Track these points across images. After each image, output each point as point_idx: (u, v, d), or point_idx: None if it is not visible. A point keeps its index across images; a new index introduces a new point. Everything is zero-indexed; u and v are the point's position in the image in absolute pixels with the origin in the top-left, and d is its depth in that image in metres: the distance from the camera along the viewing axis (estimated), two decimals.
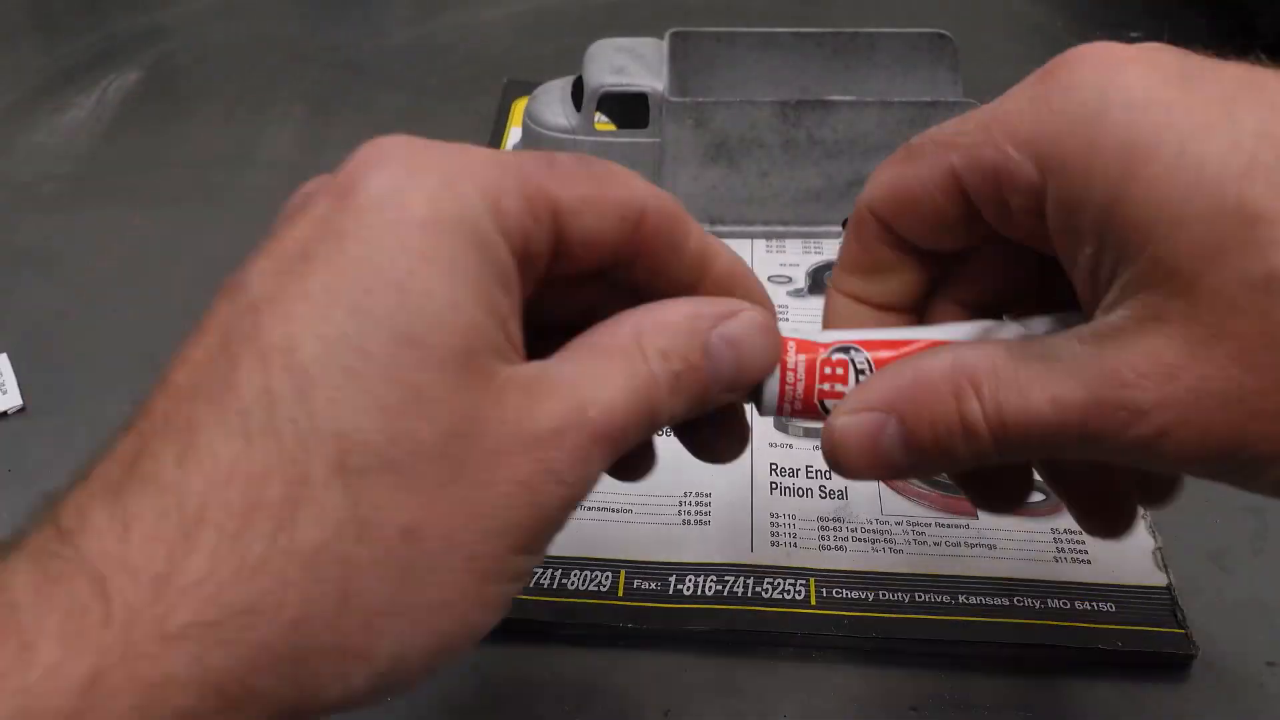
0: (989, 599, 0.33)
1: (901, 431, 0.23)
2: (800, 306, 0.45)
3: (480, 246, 0.21)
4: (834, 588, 0.33)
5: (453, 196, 0.21)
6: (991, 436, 0.22)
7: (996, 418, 0.22)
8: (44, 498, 0.20)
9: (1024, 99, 0.23)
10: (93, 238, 0.50)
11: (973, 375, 0.22)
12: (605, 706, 0.31)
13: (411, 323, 0.20)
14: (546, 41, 0.66)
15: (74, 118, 0.59)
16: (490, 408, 0.20)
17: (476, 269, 0.21)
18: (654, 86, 0.46)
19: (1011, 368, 0.22)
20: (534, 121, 0.48)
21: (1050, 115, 0.22)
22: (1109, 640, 0.31)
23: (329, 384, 0.19)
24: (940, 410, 0.22)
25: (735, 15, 0.68)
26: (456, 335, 0.20)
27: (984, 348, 0.22)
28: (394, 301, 0.20)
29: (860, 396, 0.23)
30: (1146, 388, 0.20)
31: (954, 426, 0.22)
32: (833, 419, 0.23)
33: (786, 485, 0.37)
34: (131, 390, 0.47)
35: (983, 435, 0.22)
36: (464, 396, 0.20)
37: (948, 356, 0.22)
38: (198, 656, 0.18)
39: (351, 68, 0.64)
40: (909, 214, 0.25)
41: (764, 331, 0.24)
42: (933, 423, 0.22)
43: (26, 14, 0.70)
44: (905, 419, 0.22)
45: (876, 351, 0.24)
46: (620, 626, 0.32)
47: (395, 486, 0.20)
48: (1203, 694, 0.31)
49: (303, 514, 0.19)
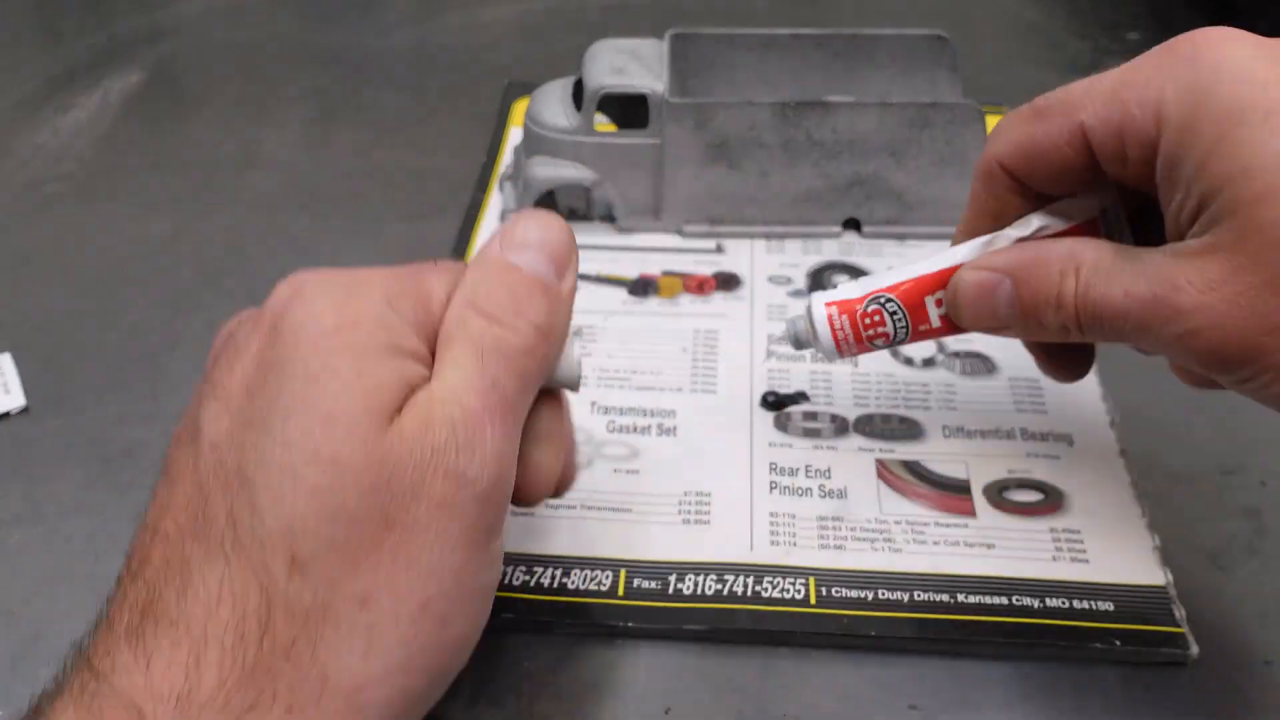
0: (988, 598, 0.33)
1: (1011, 291, 0.28)
2: (800, 306, 0.45)
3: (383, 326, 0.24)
4: (833, 586, 0.33)
5: (357, 299, 0.24)
6: (1075, 311, 0.27)
7: (1085, 297, 0.27)
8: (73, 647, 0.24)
9: (1150, 68, 0.26)
10: (95, 238, 0.50)
11: (1080, 261, 0.27)
12: (605, 705, 0.31)
13: (323, 401, 0.23)
14: (547, 42, 0.66)
15: (76, 118, 0.59)
16: (395, 446, 0.23)
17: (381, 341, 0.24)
18: (654, 87, 0.46)
19: (1108, 262, 0.27)
20: (534, 122, 0.48)
21: (1170, 82, 0.25)
22: (1107, 639, 0.32)
23: (267, 484, 0.22)
24: (1046, 281, 0.27)
25: (735, 16, 0.69)
26: (360, 398, 0.23)
27: (1097, 244, 0.27)
28: (310, 391, 0.23)
29: (989, 259, 0.29)
30: (1191, 294, 0.25)
31: (1051, 297, 0.27)
32: (961, 272, 0.29)
33: (786, 485, 0.37)
34: (132, 390, 0.47)
35: (1069, 309, 0.27)
36: (374, 449, 0.23)
37: (1067, 244, 0.28)
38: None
39: (352, 68, 0.64)
40: (1039, 165, 0.29)
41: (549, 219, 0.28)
42: (1036, 290, 0.28)
43: (29, 14, 0.70)
44: (1018, 282, 0.28)
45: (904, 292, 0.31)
46: (620, 625, 0.32)
47: (342, 561, 0.22)
48: (1201, 692, 0.31)
49: (276, 613, 0.22)
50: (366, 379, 0.23)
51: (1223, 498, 0.37)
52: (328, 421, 0.23)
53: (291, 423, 0.23)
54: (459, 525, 0.23)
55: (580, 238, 0.48)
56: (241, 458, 0.23)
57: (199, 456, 0.24)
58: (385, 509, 0.23)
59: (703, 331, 0.43)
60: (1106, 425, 0.39)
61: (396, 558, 0.23)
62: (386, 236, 0.50)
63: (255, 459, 0.23)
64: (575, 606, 0.33)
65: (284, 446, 0.22)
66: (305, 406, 0.23)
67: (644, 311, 0.45)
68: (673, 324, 0.44)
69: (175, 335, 0.44)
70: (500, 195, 0.51)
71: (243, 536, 0.22)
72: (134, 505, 0.37)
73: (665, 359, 0.42)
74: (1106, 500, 0.36)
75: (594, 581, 0.34)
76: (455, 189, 0.52)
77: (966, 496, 0.36)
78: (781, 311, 0.44)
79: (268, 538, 0.22)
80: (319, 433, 0.22)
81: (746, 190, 0.47)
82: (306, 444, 0.22)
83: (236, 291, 0.46)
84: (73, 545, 0.36)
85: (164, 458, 0.26)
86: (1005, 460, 0.37)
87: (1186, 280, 0.25)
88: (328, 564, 0.22)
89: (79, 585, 0.35)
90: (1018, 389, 0.40)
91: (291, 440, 0.22)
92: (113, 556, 0.35)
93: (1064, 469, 0.37)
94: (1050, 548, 0.34)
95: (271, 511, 0.22)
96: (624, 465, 0.37)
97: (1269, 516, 0.36)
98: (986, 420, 0.39)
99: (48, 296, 0.47)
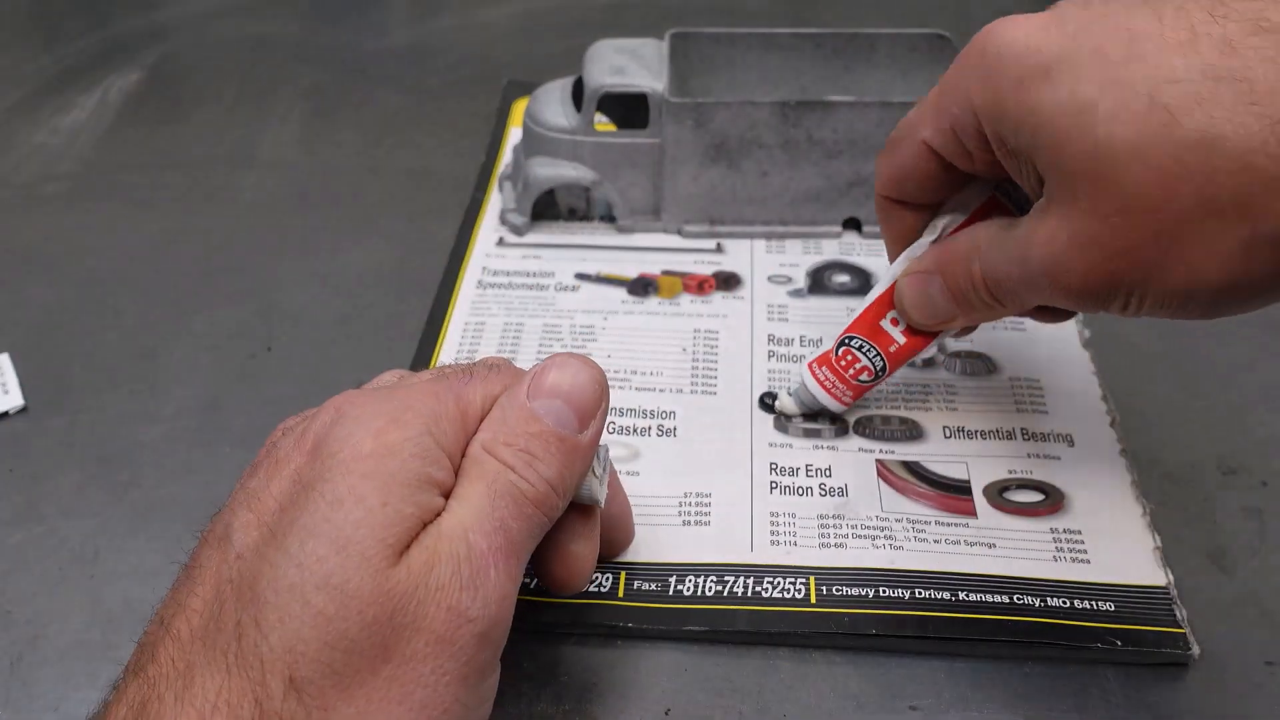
0: (989, 597, 0.33)
1: (941, 285, 0.33)
2: (800, 306, 0.45)
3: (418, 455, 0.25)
4: (834, 585, 0.33)
5: (398, 426, 0.25)
6: (986, 289, 0.32)
7: (988, 275, 0.31)
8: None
9: (956, 71, 0.30)
10: (94, 238, 0.50)
11: (977, 243, 0.32)
12: (606, 705, 0.31)
13: (343, 528, 0.23)
14: (546, 42, 0.66)
15: (75, 118, 0.59)
16: (402, 580, 0.23)
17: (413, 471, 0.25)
18: (654, 87, 0.46)
19: (995, 238, 0.31)
20: (534, 122, 0.48)
21: (973, 77, 0.29)
22: (1108, 639, 0.32)
23: (277, 603, 0.23)
24: (962, 269, 0.32)
25: (735, 16, 0.69)
26: (378, 529, 0.24)
27: (989, 224, 0.32)
28: (332, 515, 0.24)
29: (917, 264, 0.34)
30: (1042, 249, 0.29)
31: (967, 281, 0.32)
32: (899, 282, 0.35)
33: (786, 484, 0.37)
34: (131, 390, 0.47)
35: (982, 288, 0.32)
36: (383, 581, 0.23)
37: (968, 233, 0.32)
38: None
39: (351, 68, 0.64)
40: (911, 186, 0.34)
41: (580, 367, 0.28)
42: (957, 277, 0.32)
43: (28, 14, 0.70)
44: (943, 275, 0.33)
45: (861, 325, 0.37)
46: (620, 626, 0.32)
47: (337, 687, 0.23)
48: (1202, 693, 0.31)
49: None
50: (389, 510, 0.24)
51: (1223, 498, 0.37)
52: (342, 549, 0.23)
53: (309, 545, 0.23)
54: (455, 662, 0.24)
55: (580, 237, 0.48)
56: (258, 571, 0.23)
57: (224, 563, 0.24)
58: (385, 640, 0.23)
59: (703, 332, 0.43)
60: (1107, 425, 0.39)
61: (390, 689, 0.23)
62: (385, 236, 0.50)
63: (269, 575, 0.23)
64: (575, 607, 0.33)
65: (297, 568, 0.23)
66: (324, 531, 0.23)
67: (644, 311, 0.45)
68: (673, 324, 0.44)
69: (175, 335, 0.44)
70: (500, 195, 0.51)
71: (246, 650, 0.23)
72: (133, 505, 0.37)
73: (665, 359, 0.42)
74: (1107, 500, 0.36)
75: (594, 583, 0.33)
76: (454, 188, 0.52)
77: (967, 497, 0.36)
78: (782, 311, 0.44)
79: (269, 655, 0.23)
80: (332, 559, 0.23)
81: (747, 190, 0.47)
82: (319, 569, 0.23)
83: (236, 292, 0.46)
84: (71, 545, 0.36)
85: (190, 555, 0.26)
86: (1006, 460, 0.37)
87: (1039, 239, 0.28)
88: (323, 688, 0.23)
89: (78, 585, 0.35)
90: (1018, 389, 0.40)
91: (305, 563, 0.23)
92: (112, 556, 0.35)
93: (1064, 469, 0.37)
94: (1051, 548, 0.34)
95: (276, 630, 0.23)
96: (624, 467, 0.37)
97: (1270, 516, 0.36)
98: (987, 420, 0.39)
99: (47, 296, 0.47)
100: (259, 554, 0.24)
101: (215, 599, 0.24)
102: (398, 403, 0.26)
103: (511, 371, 0.29)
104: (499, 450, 0.26)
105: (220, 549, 0.25)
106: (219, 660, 0.23)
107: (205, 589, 0.24)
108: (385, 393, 0.27)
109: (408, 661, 0.23)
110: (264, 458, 0.27)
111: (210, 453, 0.39)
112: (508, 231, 0.49)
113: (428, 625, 0.23)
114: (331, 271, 0.48)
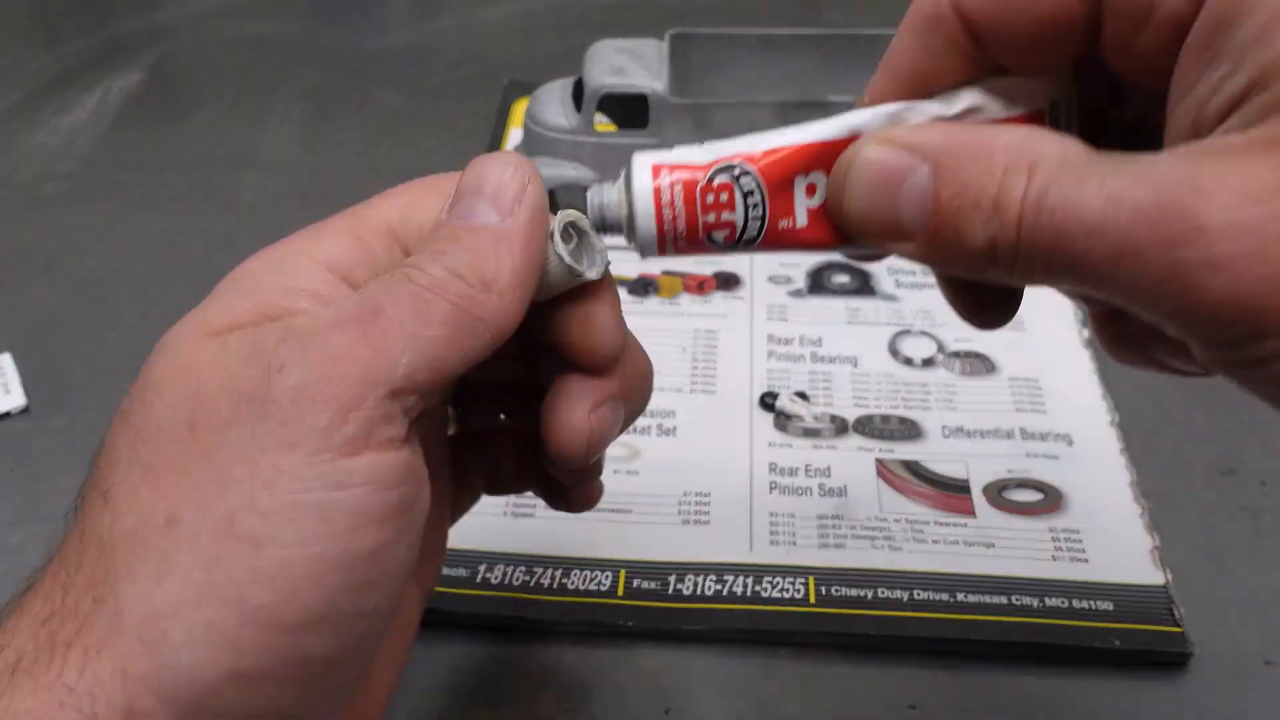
0: (987, 597, 0.33)
1: (927, 184, 0.20)
2: (799, 306, 0.45)
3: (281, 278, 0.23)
4: (833, 585, 0.33)
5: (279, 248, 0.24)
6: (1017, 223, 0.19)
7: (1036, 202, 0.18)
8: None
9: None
10: (94, 238, 0.50)
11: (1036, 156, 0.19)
12: (606, 705, 0.31)
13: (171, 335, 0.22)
14: (546, 42, 0.66)
15: (75, 118, 0.59)
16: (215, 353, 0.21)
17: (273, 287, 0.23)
18: (654, 87, 0.46)
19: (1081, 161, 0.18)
20: (534, 122, 0.48)
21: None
22: (1106, 639, 0.32)
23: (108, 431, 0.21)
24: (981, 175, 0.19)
25: (736, 17, 0.69)
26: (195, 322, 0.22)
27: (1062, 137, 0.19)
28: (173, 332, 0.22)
29: (905, 135, 0.20)
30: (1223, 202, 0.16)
31: (985, 198, 0.19)
32: (861, 145, 0.21)
33: (786, 484, 0.37)
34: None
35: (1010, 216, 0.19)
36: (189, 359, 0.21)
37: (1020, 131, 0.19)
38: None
39: (351, 68, 0.64)
40: (1021, 15, 0.21)
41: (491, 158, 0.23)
42: (964, 186, 0.19)
43: (28, 15, 0.71)
44: (940, 171, 0.20)
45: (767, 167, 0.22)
46: (620, 625, 0.33)
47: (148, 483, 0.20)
48: (1200, 691, 0.32)
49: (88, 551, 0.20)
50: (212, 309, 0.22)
51: (1223, 498, 0.37)
52: (160, 350, 0.22)
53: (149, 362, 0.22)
54: (272, 425, 0.20)
55: None
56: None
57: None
58: (192, 415, 0.20)
59: (703, 331, 0.44)
60: (1106, 425, 0.39)
61: (206, 469, 0.20)
62: None
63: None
64: (575, 607, 0.33)
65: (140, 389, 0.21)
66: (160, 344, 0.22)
67: (644, 311, 0.45)
68: (672, 324, 0.44)
69: None
70: None
71: (84, 491, 0.21)
72: None
73: (665, 359, 0.42)
74: (1106, 500, 0.36)
75: (594, 582, 0.34)
76: None
77: (966, 496, 0.36)
78: (782, 311, 0.45)
79: (89, 481, 0.21)
80: (154, 360, 0.21)
81: None
82: (145, 377, 0.21)
83: None
84: None
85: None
86: (1005, 460, 0.38)
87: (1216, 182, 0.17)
88: (135, 488, 0.20)
89: None
90: (1017, 389, 0.41)
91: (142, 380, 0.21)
92: None
93: (1064, 469, 0.37)
94: (1050, 547, 0.35)
95: (101, 455, 0.21)
96: (624, 466, 0.38)
97: (1268, 516, 0.36)
98: (986, 420, 0.39)
99: (48, 296, 0.47)
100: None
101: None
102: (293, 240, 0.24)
103: (428, 183, 0.25)
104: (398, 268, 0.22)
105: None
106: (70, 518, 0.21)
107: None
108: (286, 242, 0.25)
109: (218, 432, 0.20)
110: None
111: None
112: None
113: (235, 387, 0.20)
114: None
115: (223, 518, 0.19)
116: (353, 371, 0.20)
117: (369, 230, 0.24)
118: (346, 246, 0.24)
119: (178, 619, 0.19)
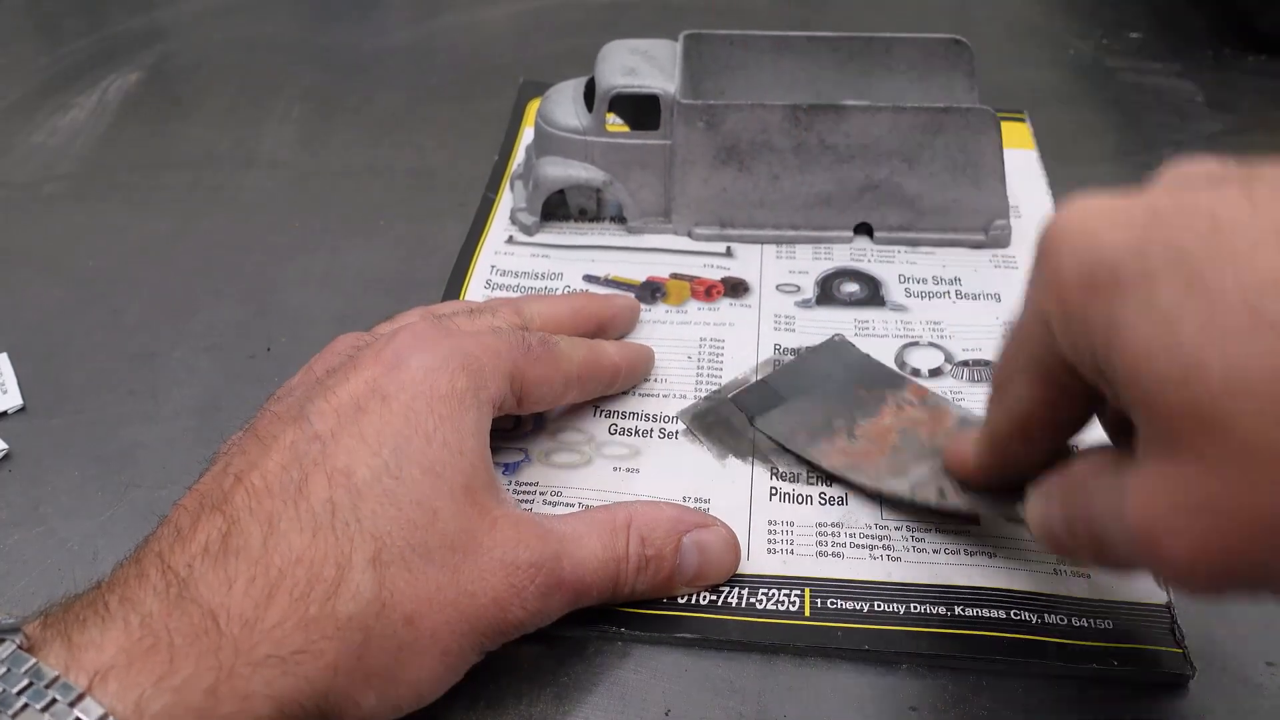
0: (986, 611, 0.35)
1: (1060, 510, 0.29)
2: (808, 317, 0.47)
3: (478, 410, 0.33)
4: (829, 598, 0.35)
5: (465, 375, 0.33)
6: (1089, 530, 0.27)
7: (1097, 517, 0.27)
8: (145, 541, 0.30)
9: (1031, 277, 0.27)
10: (93, 238, 0.53)
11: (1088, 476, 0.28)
12: (606, 706, 0.33)
13: (434, 460, 0.31)
14: (546, 42, 0.69)
15: (74, 118, 0.62)
16: (485, 534, 0.31)
17: (474, 428, 0.32)
18: (665, 88, 0.48)
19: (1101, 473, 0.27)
20: (546, 122, 0.50)
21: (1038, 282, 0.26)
22: (1104, 659, 0.33)
23: (374, 498, 0.30)
24: (1079, 499, 0.28)
25: (749, 18, 0.71)
26: (461, 474, 0.31)
27: (1102, 455, 0.28)
28: (423, 445, 0.31)
29: (1048, 479, 0.30)
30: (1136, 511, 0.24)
31: (1078, 517, 0.28)
32: (1030, 491, 0.31)
33: (786, 491, 0.39)
34: (131, 390, 0.49)
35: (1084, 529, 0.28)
36: (466, 521, 0.31)
37: (1090, 460, 0.29)
38: (269, 680, 0.27)
39: (351, 68, 0.67)
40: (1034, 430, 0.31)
41: (729, 547, 0.36)
42: (1072, 507, 0.28)
43: (27, 14, 0.74)
44: (1061, 501, 0.29)
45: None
46: (614, 631, 0.35)
47: (408, 580, 0.29)
48: (1202, 693, 0.33)
49: (344, 589, 0.28)
50: (464, 461, 0.31)
51: None
52: (435, 479, 0.31)
53: (406, 467, 0.30)
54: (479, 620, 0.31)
55: (589, 238, 0.51)
56: (351, 464, 0.30)
57: (301, 439, 0.31)
58: (456, 567, 0.30)
59: (709, 340, 0.46)
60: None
61: (444, 607, 0.30)
62: (385, 237, 0.53)
63: (367, 475, 0.30)
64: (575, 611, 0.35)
65: (394, 480, 0.30)
66: (418, 459, 0.31)
67: (650, 319, 0.47)
68: (679, 332, 0.46)
69: (174, 335, 0.47)
70: (511, 194, 0.54)
71: (337, 525, 0.29)
72: (132, 505, 0.40)
73: (670, 367, 0.44)
74: None
75: None
76: (457, 189, 0.55)
77: None
78: (789, 322, 0.47)
79: (359, 534, 0.29)
80: (426, 484, 0.30)
81: (758, 193, 0.50)
82: (415, 488, 0.30)
83: (235, 292, 0.49)
84: (71, 545, 0.39)
85: (255, 419, 0.33)
86: None
87: (1136, 498, 0.24)
88: (398, 575, 0.29)
89: (77, 585, 0.37)
90: None
91: (401, 478, 0.30)
92: (111, 557, 0.38)
93: None
94: (1052, 560, 0.36)
95: (369, 519, 0.29)
96: (625, 464, 0.40)
97: None
98: None
99: (46, 296, 0.50)
100: (339, 443, 0.30)
101: (296, 468, 0.30)
102: (466, 347, 0.34)
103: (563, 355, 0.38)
104: (633, 538, 0.34)
105: (295, 426, 0.31)
106: (306, 522, 0.29)
107: (280, 455, 0.30)
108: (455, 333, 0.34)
109: (466, 597, 0.30)
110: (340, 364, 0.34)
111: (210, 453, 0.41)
112: (518, 230, 0.52)
113: (493, 587, 0.30)
114: (331, 271, 0.51)
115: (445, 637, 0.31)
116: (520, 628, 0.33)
117: None
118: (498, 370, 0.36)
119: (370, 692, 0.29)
